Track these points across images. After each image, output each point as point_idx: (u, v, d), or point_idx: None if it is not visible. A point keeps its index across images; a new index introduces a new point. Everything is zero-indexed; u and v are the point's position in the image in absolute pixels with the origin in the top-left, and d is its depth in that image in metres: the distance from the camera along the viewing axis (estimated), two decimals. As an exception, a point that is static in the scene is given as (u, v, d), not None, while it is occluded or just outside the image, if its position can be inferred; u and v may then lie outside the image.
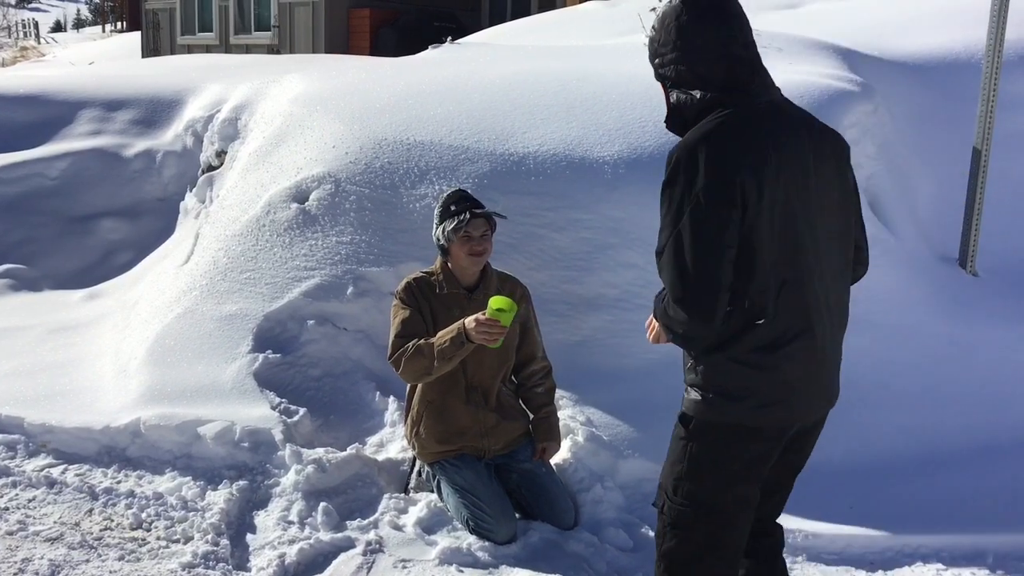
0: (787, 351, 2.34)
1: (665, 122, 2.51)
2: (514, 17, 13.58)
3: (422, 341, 3.60)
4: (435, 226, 3.78)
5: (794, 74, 5.81)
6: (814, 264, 2.36)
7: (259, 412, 4.20)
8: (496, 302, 3.40)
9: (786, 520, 3.63)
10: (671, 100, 2.44)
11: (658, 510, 2.60)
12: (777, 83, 2.50)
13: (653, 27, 2.44)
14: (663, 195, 2.34)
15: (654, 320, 2.56)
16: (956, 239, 5.61)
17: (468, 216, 3.66)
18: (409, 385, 3.85)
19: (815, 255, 2.36)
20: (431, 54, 7.74)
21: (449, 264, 3.79)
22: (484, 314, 3.42)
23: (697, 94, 2.35)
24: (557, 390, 4.08)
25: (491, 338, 3.43)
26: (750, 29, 2.40)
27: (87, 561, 3.35)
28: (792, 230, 2.31)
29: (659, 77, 2.48)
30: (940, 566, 3.48)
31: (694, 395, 2.46)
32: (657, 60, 2.44)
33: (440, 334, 3.57)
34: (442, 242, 3.75)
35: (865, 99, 5.69)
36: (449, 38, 8.29)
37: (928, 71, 6.75)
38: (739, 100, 2.33)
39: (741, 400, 2.37)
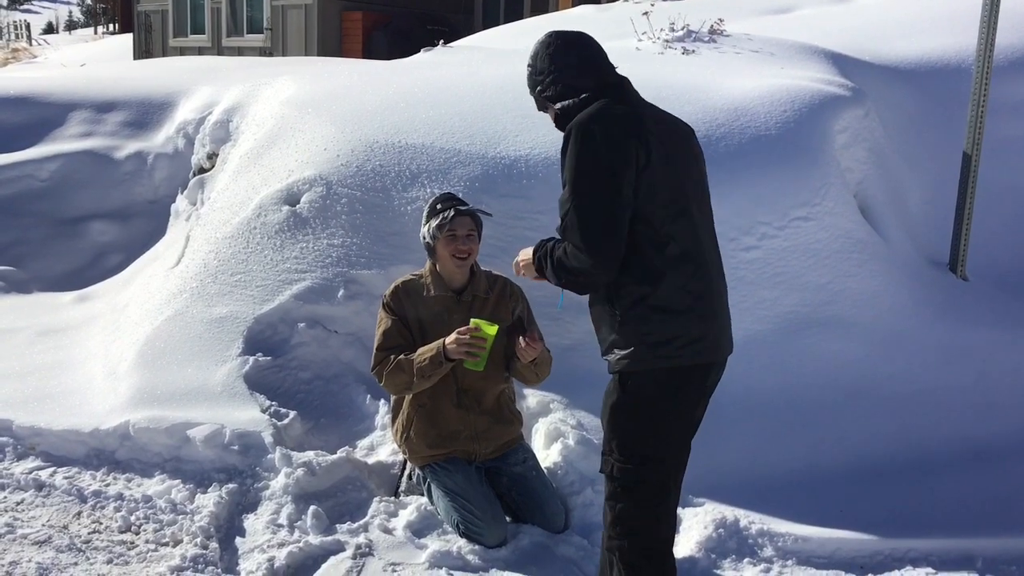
0: (695, 293, 2.66)
1: (556, 127, 2.85)
2: (507, 21, 13.60)
3: (403, 357, 3.61)
4: (422, 227, 3.78)
5: (785, 78, 5.83)
6: (699, 218, 2.74)
7: (249, 415, 4.19)
8: (478, 322, 3.44)
9: (776, 524, 3.66)
10: (557, 109, 2.84)
11: (606, 476, 2.76)
12: (768, 87, 2.73)
13: (529, 64, 2.89)
14: (564, 162, 2.66)
15: (527, 259, 2.90)
16: (946, 243, 5.62)
17: (452, 213, 3.67)
18: (396, 389, 3.85)
19: (698, 209, 2.75)
20: (423, 57, 7.73)
21: (437, 266, 3.79)
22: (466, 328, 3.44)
23: (577, 99, 2.76)
24: (549, 393, 4.07)
25: (472, 355, 3.44)
26: (608, 60, 2.86)
27: (75, 564, 3.33)
28: (678, 190, 2.68)
29: (542, 100, 2.89)
30: (929, 570, 3.49)
31: (620, 354, 2.68)
32: (539, 87, 2.86)
33: (420, 351, 3.58)
34: (427, 240, 3.76)
35: (856, 104, 5.71)
36: (441, 41, 8.29)
37: (919, 76, 6.77)
38: (613, 94, 2.75)
39: (669, 343, 2.63)
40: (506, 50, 7.81)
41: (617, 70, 2.87)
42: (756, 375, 4.50)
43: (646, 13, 7.74)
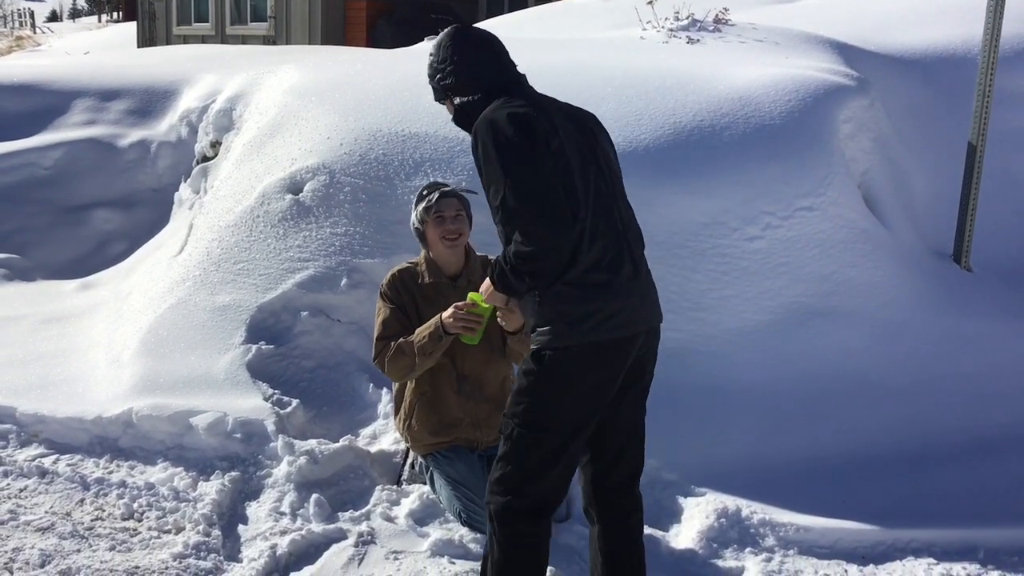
0: (610, 269, 2.70)
1: (453, 121, 2.96)
2: (511, 9, 13.57)
3: (402, 340, 3.62)
4: (411, 216, 3.80)
5: (790, 68, 5.81)
6: (609, 196, 2.78)
7: (252, 403, 4.19)
8: (475, 296, 3.43)
9: (778, 514, 3.66)
10: (455, 103, 2.91)
11: (503, 436, 2.80)
12: (772, 77, 2.69)
13: (431, 54, 2.94)
14: (478, 161, 2.71)
15: (487, 286, 2.93)
16: (951, 234, 5.61)
17: (437, 195, 3.70)
18: (397, 379, 3.85)
19: (608, 188, 2.79)
20: (428, 46, 7.71)
21: (431, 253, 3.80)
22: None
23: (478, 95, 2.83)
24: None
25: (468, 329, 3.43)
26: (511, 59, 2.94)
27: (78, 551, 3.34)
28: (587, 170, 2.74)
29: (440, 91, 2.94)
30: (931, 560, 3.48)
31: (541, 332, 2.72)
32: (438, 76, 2.91)
33: (419, 330, 3.59)
34: (417, 226, 3.78)
35: (861, 94, 5.69)
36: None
37: (924, 66, 6.74)
38: (514, 90, 2.82)
39: (586, 320, 2.66)
40: (510, 39, 7.78)
41: (518, 68, 2.96)
42: (759, 365, 4.50)
43: (650, 2, 7.72)
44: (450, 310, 3.47)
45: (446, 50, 2.88)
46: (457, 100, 2.89)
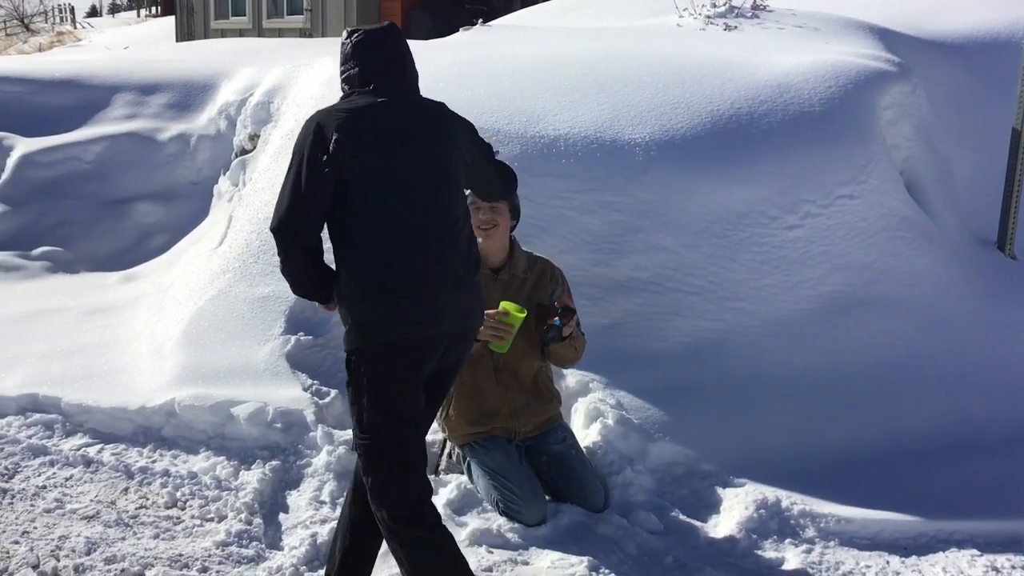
0: (402, 272, 2.80)
1: None
2: (546, -1, 13.49)
3: None
4: None
5: (830, 54, 5.74)
6: (413, 200, 2.85)
7: (291, 393, 4.23)
8: (507, 305, 3.46)
9: (818, 505, 3.63)
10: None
11: (357, 454, 2.92)
12: (812, 63, 2.57)
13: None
14: None
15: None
16: (994, 221, 5.52)
17: None
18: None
19: (417, 192, 2.86)
20: (462, 37, 7.71)
21: None
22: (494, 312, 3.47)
23: (345, 88, 3.02)
24: (588, 372, 4.07)
25: (498, 337, 3.46)
26: (396, 56, 3.04)
27: (123, 539, 3.40)
28: (391, 175, 2.83)
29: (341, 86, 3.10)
30: (975, 552, 3.44)
31: (345, 333, 2.86)
32: (341, 68, 3.07)
33: None
34: None
35: (902, 80, 5.61)
36: (480, 20, 8.26)
37: (967, 51, 6.63)
38: (361, 92, 2.97)
39: (377, 322, 2.79)
40: (545, 29, 7.76)
41: (404, 69, 3.05)
42: (799, 355, 4.46)
43: (687, -11, 7.64)
44: None
45: (345, 48, 3.05)
46: (343, 92, 3.09)
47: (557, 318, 3.59)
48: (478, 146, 3.21)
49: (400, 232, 2.81)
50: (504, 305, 3.49)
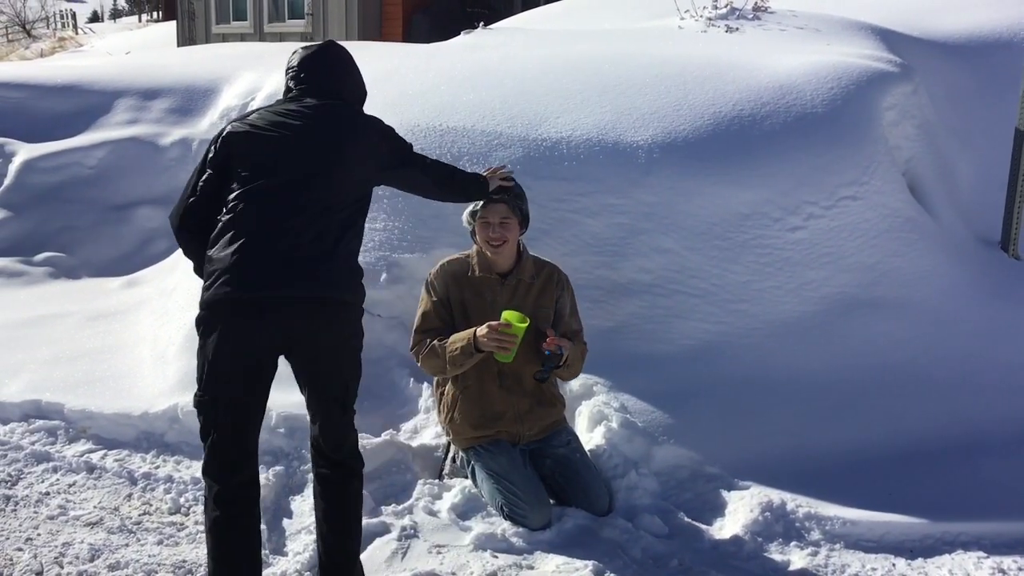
0: (237, 242, 2.91)
1: None
2: (547, 1, 13.51)
3: (436, 342, 3.65)
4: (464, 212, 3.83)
5: (831, 55, 5.73)
6: (280, 188, 3.01)
7: (295, 398, 4.17)
8: (509, 315, 3.44)
9: (824, 507, 3.62)
10: None
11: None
12: (814, 64, 2.55)
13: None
14: None
15: None
16: (998, 222, 5.51)
17: (484, 200, 3.70)
18: (438, 372, 3.87)
19: (292, 182, 3.02)
20: (464, 40, 7.71)
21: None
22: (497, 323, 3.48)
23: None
24: (592, 376, 4.06)
25: (502, 348, 3.47)
26: (317, 68, 3.38)
27: (126, 545, 3.39)
28: (264, 168, 3.03)
29: None
30: (981, 554, 3.43)
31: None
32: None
33: (453, 339, 3.61)
34: (466, 225, 3.82)
35: (904, 80, 5.60)
36: (481, 23, 8.25)
37: (969, 51, 6.63)
38: (283, 99, 3.30)
39: (208, 285, 2.92)
40: (547, 31, 7.76)
41: (327, 81, 3.36)
42: (803, 356, 4.45)
43: (687, -9, 7.64)
44: (484, 328, 3.47)
45: (290, 59, 3.39)
46: None
47: (544, 364, 3.64)
48: (395, 151, 3.36)
49: (258, 208, 2.97)
50: (506, 316, 3.49)
